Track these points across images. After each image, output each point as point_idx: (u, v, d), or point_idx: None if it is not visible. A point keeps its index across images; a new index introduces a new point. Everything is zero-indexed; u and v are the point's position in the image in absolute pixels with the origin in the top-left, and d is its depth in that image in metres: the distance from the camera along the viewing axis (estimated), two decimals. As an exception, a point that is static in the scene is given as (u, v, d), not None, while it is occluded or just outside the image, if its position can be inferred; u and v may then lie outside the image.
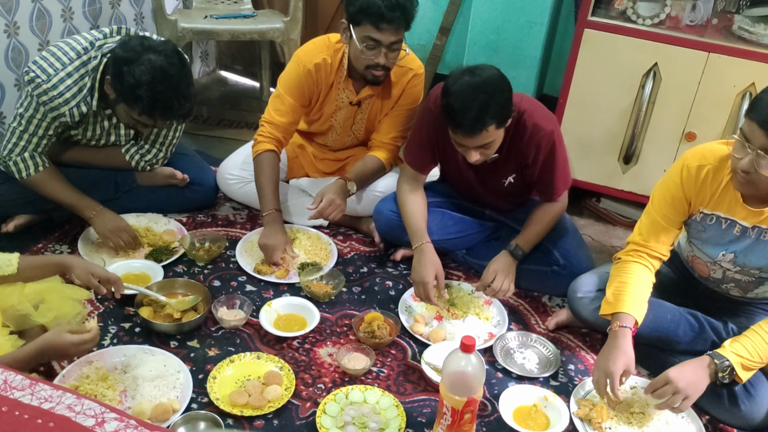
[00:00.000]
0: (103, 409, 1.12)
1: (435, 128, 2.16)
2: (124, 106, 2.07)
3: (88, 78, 2.10)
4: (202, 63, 4.01)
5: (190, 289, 2.09)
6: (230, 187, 2.57)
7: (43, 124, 2.14)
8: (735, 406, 1.80)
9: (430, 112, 2.14)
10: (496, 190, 2.28)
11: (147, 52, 1.99)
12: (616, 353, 1.75)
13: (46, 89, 2.06)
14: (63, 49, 2.09)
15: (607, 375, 1.73)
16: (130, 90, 1.99)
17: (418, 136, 2.23)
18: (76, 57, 2.09)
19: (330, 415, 1.73)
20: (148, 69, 1.97)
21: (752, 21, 2.54)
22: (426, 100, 2.20)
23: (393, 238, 2.41)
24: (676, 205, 1.85)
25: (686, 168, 1.81)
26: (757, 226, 1.75)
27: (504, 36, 3.23)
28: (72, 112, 2.12)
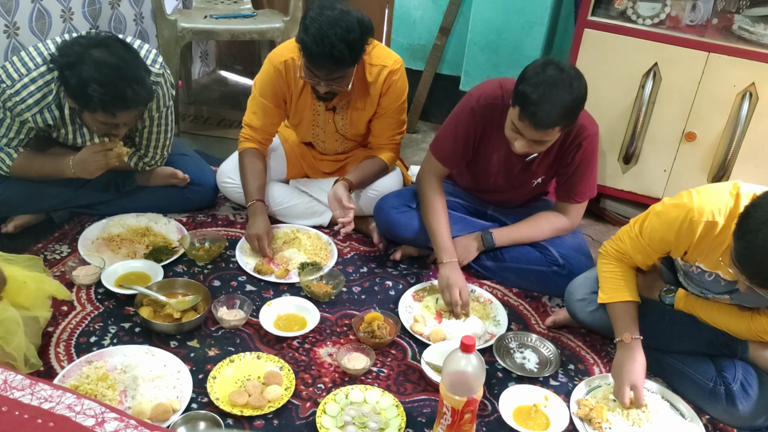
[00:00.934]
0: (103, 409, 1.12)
1: (476, 129, 2.16)
2: (86, 113, 2.02)
3: (54, 85, 2.05)
4: (202, 63, 4.01)
5: (190, 289, 2.09)
6: (229, 191, 2.58)
7: (14, 127, 2.11)
8: (733, 406, 1.80)
9: (472, 112, 2.13)
10: (522, 189, 2.28)
11: (86, 50, 1.93)
12: (636, 365, 1.80)
13: (10, 95, 2.03)
14: (30, 55, 2.06)
15: (632, 387, 1.79)
16: (79, 92, 1.93)
17: (453, 134, 2.21)
18: (42, 63, 2.05)
19: (330, 415, 1.73)
20: (90, 66, 1.91)
21: (752, 21, 2.54)
22: (467, 99, 2.17)
23: (392, 235, 2.40)
24: (664, 246, 1.83)
25: (689, 221, 1.70)
26: None
27: (504, 36, 3.23)
28: (35, 119, 2.08)
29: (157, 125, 2.33)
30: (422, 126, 3.65)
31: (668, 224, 1.76)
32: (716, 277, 1.78)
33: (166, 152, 2.43)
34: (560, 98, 1.86)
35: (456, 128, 2.20)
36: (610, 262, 1.94)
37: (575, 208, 2.24)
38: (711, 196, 1.70)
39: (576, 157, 2.12)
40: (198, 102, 3.70)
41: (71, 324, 1.96)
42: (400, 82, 2.36)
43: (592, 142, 2.11)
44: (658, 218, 1.80)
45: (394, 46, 3.60)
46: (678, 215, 1.72)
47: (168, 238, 2.36)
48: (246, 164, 2.42)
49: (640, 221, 1.86)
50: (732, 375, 1.83)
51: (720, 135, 2.57)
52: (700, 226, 1.69)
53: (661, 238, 1.79)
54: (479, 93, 2.14)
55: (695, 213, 1.69)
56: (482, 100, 2.12)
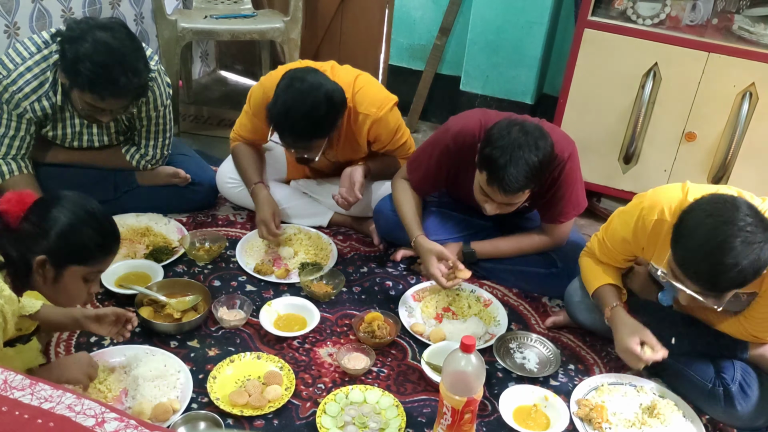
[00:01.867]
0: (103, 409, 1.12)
1: (449, 165, 2.15)
2: (76, 91, 1.99)
3: (50, 72, 2.05)
4: (202, 63, 4.01)
5: (190, 289, 2.09)
6: (229, 191, 2.58)
7: (12, 124, 2.10)
8: (731, 406, 1.80)
9: (447, 149, 2.12)
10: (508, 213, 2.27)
11: (92, 30, 1.92)
12: (621, 332, 1.80)
13: (6, 85, 2.02)
14: (24, 44, 2.06)
15: (628, 352, 1.78)
16: (71, 66, 1.91)
17: (426, 164, 2.19)
18: (37, 51, 2.05)
19: (330, 415, 1.73)
20: (90, 44, 1.89)
21: (752, 21, 2.54)
22: (443, 133, 2.14)
23: (393, 238, 2.41)
24: (627, 249, 1.85)
25: (641, 219, 1.73)
26: None
27: (504, 36, 3.23)
28: (33, 107, 2.07)
29: (155, 124, 2.33)
30: (422, 126, 3.65)
31: (626, 223, 1.79)
32: None
33: (166, 151, 2.43)
34: (527, 161, 1.83)
35: (429, 161, 2.18)
36: (588, 259, 1.98)
37: (561, 227, 2.20)
38: (664, 194, 1.73)
39: (552, 183, 2.09)
40: (198, 102, 3.70)
41: (71, 324, 1.96)
42: (388, 126, 2.30)
43: (567, 166, 2.05)
44: (618, 218, 1.85)
45: (394, 46, 3.60)
46: (633, 212, 1.77)
47: (168, 238, 2.36)
48: (239, 155, 2.45)
49: (605, 225, 1.90)
50: (731, 376, 1.83)
51: (720, 135, 2.57)
52: (651, 224, 1.71)
53: (622, 238, 1.82)
54: (457, 129, 2.10)
55: (647, 210, 1.72)
56: (459, 139, 2.09)
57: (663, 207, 1.71)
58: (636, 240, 1.78)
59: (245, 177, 2.44)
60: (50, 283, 1.51)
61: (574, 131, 2.73)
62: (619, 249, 1.86)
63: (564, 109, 2.76)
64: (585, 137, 2.76)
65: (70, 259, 1.51)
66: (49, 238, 1.47)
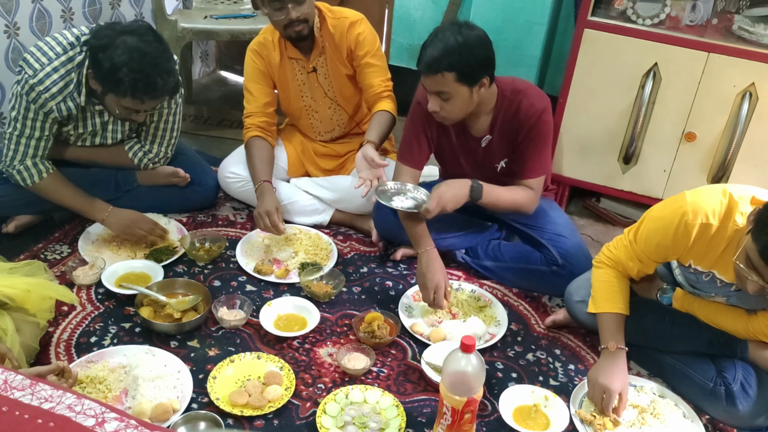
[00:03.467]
0: (103, 409, 1.12)
1: (427, 120, 2.18)
2: (111, 96, 2.04)
3: (75, 73, 2.09)
4: (202, 63, 4.01)
5: (190, 289, 2.09)
6: (231, 186, 2.58)
7: (38, 125, 2.13)
8: (733, 406, 1.80)
9: (420, 106, 2.16)
10: (490, 176, 2.26)
11: (120, 35, 1.97)
12: (614, 371, 1.79)
13: (33, 85, 2.05)
14: (50, 44, 2.09)
15: (605, 391, 1.76)
16: (110, 75, 1.97)
17: (411, 132, 2.23)
18: (63, 52, 2.08)
19: (330, 415, 1.73)
20: (123, 51, 1.94)
21: (752, 21, 2.54)
22: (416, 95, 2.20)
23: (392, 235, 2.41)
24: (660, 252, 1.81)
25: (684, 224, 1.70)
26: None
27: (504, 36, 3.22)
28: (59, 107, 2.11)
29: (164, 121, 2.35)
30: (422, 126, 3.64)
31: (664, 228, 1.75)
32: (712, 278, 1.78)
33: (170, 151, 2.44)
34: (445, 40, 1.92)
35: (413, 126, 2.22)
36: (605, 270, 1.91)
37: (531, 183, 2.19)
38: (704, 198, 1.70)
39: (526, 133, 2.11)
40: (198, 102, 3.71)
41: (71, 324, 1.97)
42: (365, 31, 2.42)
43: (542, 118, 2.09)
44: (652, 223, 1.80)
45: (394, 46, 3.59)
46: (673, 219, 1.72)
47: (168, 239, 2.36)
48: (252, 151, 2.46)
49: (634, 229, 1.86)
50: (732, 375, 1.83)
51: (720, 135, 2.57)
52: (695, 228, 1.68)
53: (658, 244, 1.78)
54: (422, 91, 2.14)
55: (690, 215, 1.68)
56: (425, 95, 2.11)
57: (707, 212, 1.67)
58: (675, 245, 1.75)
59: (253, 174, 2.43)
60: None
61: (574, 131, 2.75)
62: (652, 254, 1.82)
63: (564, 109, 2.76)
64: (585, 137, 2.77)
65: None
66: None
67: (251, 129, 2.48)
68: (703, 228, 1.68)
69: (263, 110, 2.49)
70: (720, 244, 1.68)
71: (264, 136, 2.48)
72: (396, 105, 2.48)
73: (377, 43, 2.46)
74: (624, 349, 1.82)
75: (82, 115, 2.21)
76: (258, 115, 2.48)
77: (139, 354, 1.84)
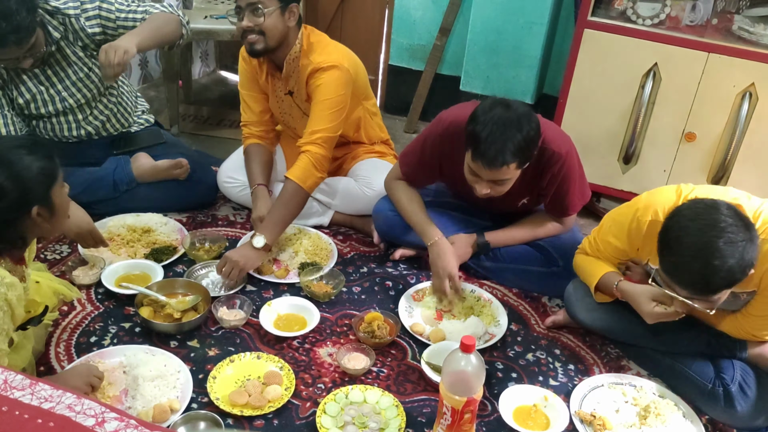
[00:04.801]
0: (103, 408, 1.12)
1: (441, 155, 2.15)
2: None
3: None
4: (202, 63, 4.01)
5: (190, 289, 2.09)
6: (229, 190, 2.58)
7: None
8: (731, 406, 1.80)
9: (440, 138, 2.12)
10: (507, 209, 2.28)
11: None
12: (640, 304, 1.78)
13: None
14: None
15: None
16: None
17: (420, 156, 2.20)
18: None
19: (330, 415, 1.73)
20: None
21: (752, 21, 2.54)
22: (435, 125, 2.15)
23: (392, 237, 2.41)
24: (619, 251, 1.87)
25: (636, 220, 1.75)
26: None
27: (504, 36, 3.23)
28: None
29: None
30: (422, 126, 3.64)
31: (619, 226, 1.81)
32: None
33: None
34: (510, 136, 1.83)
35: (423, 153, 2.19)
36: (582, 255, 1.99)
37: (568, 219, 2.25)
38: (658, 196, 1.75)
39: (552, 181, 2.10)
40: (198, 102, 3.70)
41: (71, 324, 1.96)
42: (326, 81, 2.24)
43: (566, 164, 2.07)
44: (611, 221, 1.86)
45: (394, 46, 3.60)
46: (627, 216, 1.78)
47: (168, 239, 2.36)
48: (250, 156, 2.47)
49: (597, 228, 1.91)
50: (730, 376, 1.83)
51: (720, 135, 2.57)
52: (645, 225, 1.73)
53: (614, 243, 1.84)
54: (451, 119, 2.10)
55: (641, 212, 1.74)
56: (452, 128, 2.08)
57: (657, 208, 1.73)
58: (630, 242, 1.80)
59: (250, 177, 2.45)
60: (49, 220, 1.55)
61: (574, 131, 2.74)
62: (611, 252, 1.88)
63: (564, 109, 2.76)
64: (585, 137, 2.77)
65: (50, 186, 1.54)
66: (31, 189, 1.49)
67: (250, 137, 2.49)
68: (652, 225, 1.71)
69: (260, 119, 2.49)
70: None
71: (262, 142, 2.49)
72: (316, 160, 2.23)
73: (332, 92, 2.24)
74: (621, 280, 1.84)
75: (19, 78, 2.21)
76: (255, 124, 2.49)
77: (139, 354, 1.83)
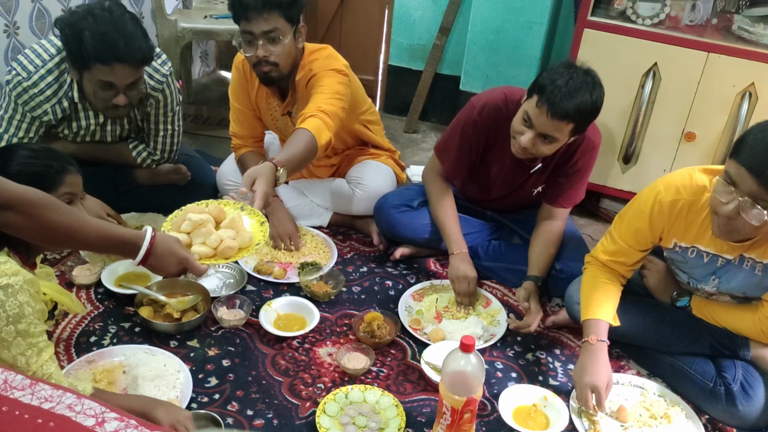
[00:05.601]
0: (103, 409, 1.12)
1: (478, 140, 2.16)
2: (87, 76, 2.02)
3: (68, 74, 2.09)
4: (202, 63, 4.01)
5: (190, 289, 2.09)
6: (229, 192, 2.58)
7: (23, 126, 2.13)
8: (733, 406, 1.80)
9: (474, 124, 2.13)
10: (523, 198, 2.28)
11: (88, 11, 1.96)
12: (597, 366, 1.76)
13: (26, 87, 2.05)
14: (44, 46, 2.10)
15: (593, 390, 1.74)
16: (75, 46, 1.95)
17: (457, 146, 2.19)
18: (57, 53, 2.08)
19: (330, 415, 1.73)
20: (88, 20, 1.94)
21: (752, 21, 2.54)
22: (470, 109, 2.14)
23: (393, 235, 2.40)
24: (640, 238, 1.84)
25: (658, 203, 1.76)
26: (742, 255, 1.74)
27: (504, 36, 3.23)
28: (54, 110, 2.12)
29: (164, 129, 2.36)
30: (422, 126, 3.65)
31: (640, 212, 1.80)
32: (697, 252, 1.79)
33: (174, 156, 2.47)
34: (582, 93, 1.87)
35: (460, 138, 2.19)
36: (595, 275, 1.91)
37: (563, 211, 2.24)
38: (675, 177, 1.77)
39: (575, 165, 2.12)
40: (198, 102, 3.70)
41: (71, 324, 1.97)
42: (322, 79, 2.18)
43: (592, 156, 2.13)
44: (630, 211, 1.85)
45: (394, 46, 3.60)
46: (648, 200, 1.78)
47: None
48: (248, 166, 2.40)
49: (615, 222, 1.90)
50: (732, 375, 1.83)
51: (720, 135, 2.57)
52: (667, 205, 1.74)
53: (637, 229, 1.82)
54: (483, 103, 2.12)
55: (662, 193, 1.75)
56: (485, 112, 2.11)
57: (678, 187, 1.74)
58: (653, 226, 1.79)
59: None
60: None
61: (573, 131, 2.74)
62: (633, 242, 1.85)
63: (564, 109, 2.76)
64: (585, 137, 2.77)
65: None
66: None
67: (241, 147, 2.47)
68: (676, 204, 1.73)
69: (251, 134, 2.46)
70: (698, 216, 1.72)
71: (255, 148, 2.48)
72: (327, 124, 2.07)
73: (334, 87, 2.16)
74: (605, 342, 1.79)
75: (76, 115, 2.21)
76: (246, 138, 2.47)
77: (138, 354, 1.84)
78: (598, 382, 1.73)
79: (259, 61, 2.14)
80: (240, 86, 2.38)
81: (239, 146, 2.48)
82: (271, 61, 2.14)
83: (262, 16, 2.06)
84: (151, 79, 2.22)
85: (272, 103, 2.38)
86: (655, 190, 1.77)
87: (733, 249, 1.73)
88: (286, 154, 1.95)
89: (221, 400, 1.76)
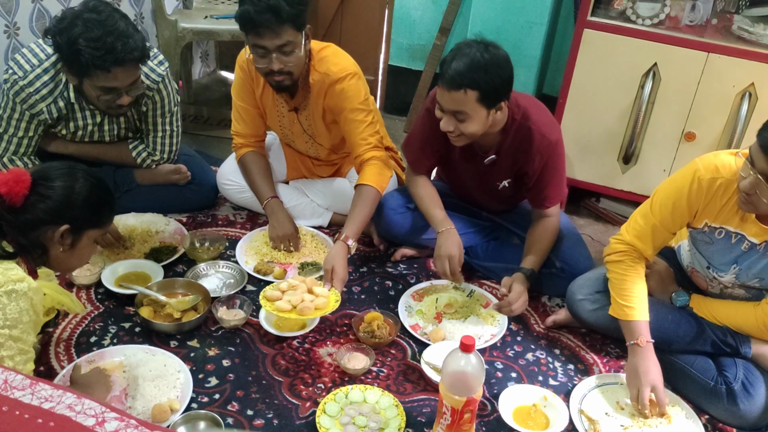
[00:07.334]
0: (103, 408, 1.12)
1: (435, 128, 2.16)
2: (87, 82, 2.02)
3: (63, 74, 2.10)
4: (202, 63, 4.01)
5: (190, 289, 2.09)
6: (229, 192, 2.59)
7: (22, 125, 2.14)
8: (734, 405, 1.80)
9: (430, 114, 2.12)
10: (490, 193, 2.28)
11: (77, 14, 1.95)
12: (651, 366, 1.80)
13: (23, 86, 2.06)
14: (41, 46, 2.10)
15: (653, 389, 1.79)
16: (69, 50, 1.94)
17: (419, 136, 2.22)
18: (53, 53, 2.08)
19: (330, 415, 1.73)
20: (78, 26, 1.92)
21: (752, 21, 2.54)
22: (426, 103, 2.18)
23: (391, 236, 2.41)
24: (676, 215, 1.84)
25: (698, 180, 1.77)
26: (766, 241, 1.75)
27: (504, 36, 3.23)
28: (50, 109, 2.12)
29: (162, 130, 2.36)
30: (422, 126, 3.65)
31: (678, 191, 1.81)
32: (726, 234, 1.80)
33: (173, 156, 2.47)
34: (471, 56, 1.86)
35: (421, 131, 2.20)
36: (619, 263, 1.89)
37: (551, 210, 2.22)
38: (714, 157, 1.78)
39: (538, 165, 2.10)
40: (198, 102, 3.70)
41: (71, 324, 1.97)
42: (347, 89, 2.22)
43: (554, 152, 2.08)
44: (667, 189, 1.85)
45: (394, 46, 3.60)
46: (686, 178, 1.79)
47: (168, 238, 2.36)
48: (249, 166, 2.44)
49: (648, 204, 1.89)
50: (733, 374, 1.83)
51: (719, 135, 2.57)
52: (706, 182, 1.75)
53: (674, 206, 1.82)
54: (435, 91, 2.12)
55: (702, 171, 1.76)
56: None
57: (717, 166, 1.75)
58: (690, 204, 1.80)
59: (258, 192, 2.43)
60: (67, 251, 1.58)
61: (573, 131, 2.75)
62: (669, 220, 1.85)
63: (563, 109, 2.76)
64: (584, 137, 2.77)
65: (90, 224, 1.61)
66: (74, 207, 1.54)
67: (243, 147, 2.47)
68: (714, 182, 1.75)
69: (253, 133, 2.46)
70: (734, 197, 1.73)
71: (256, 149, 2.48)
72: (381, 156, 2.25)
73: (362, 97, 2.23)
74: (652, 342, 1.83)
75: (73, 115, 2.21)
76: (248, 137, 2.46)
77: (139, 354, 1.84)
78: (655, 382, 1.78)
79: (272, 71, 2.13)
80: (245, 84, 2.37)
81: (241, 146, 2.48)
82: (285, 72, 2.13)
83: (274, 31, 2.03)
84: (147, 79, 2.22)
85: (278, 101, 2.37)
86: (694, 167, 1.79)
87: (760, 233, 1.74)
88: (355, 222, 2.12)
89: (221, 400, 1.76)
